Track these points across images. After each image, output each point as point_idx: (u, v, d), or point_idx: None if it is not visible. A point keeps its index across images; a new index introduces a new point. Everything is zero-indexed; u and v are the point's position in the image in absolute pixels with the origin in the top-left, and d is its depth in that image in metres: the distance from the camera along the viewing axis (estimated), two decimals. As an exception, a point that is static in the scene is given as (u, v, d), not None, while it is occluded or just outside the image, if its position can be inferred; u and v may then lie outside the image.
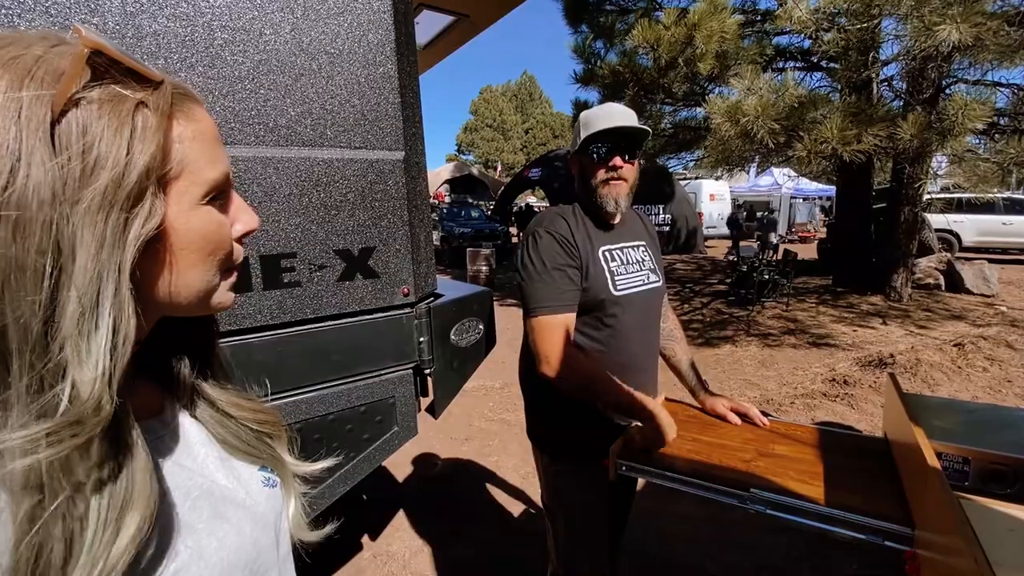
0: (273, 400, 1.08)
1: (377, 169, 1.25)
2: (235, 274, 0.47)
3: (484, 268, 9.61)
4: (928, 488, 0.92)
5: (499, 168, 36.65)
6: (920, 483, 0.97)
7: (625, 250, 1.34)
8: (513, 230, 18.47)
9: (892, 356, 4.48)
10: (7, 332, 0.31)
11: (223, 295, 0.45)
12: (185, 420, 0.49)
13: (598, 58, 7.26)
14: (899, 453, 1.21)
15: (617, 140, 1.25)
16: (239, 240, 0.46)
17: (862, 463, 1.22)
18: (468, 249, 9.95)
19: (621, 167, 1.25)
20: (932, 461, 0.94)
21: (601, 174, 1.26)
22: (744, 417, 1.39)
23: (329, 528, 0.58)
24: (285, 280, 1.14)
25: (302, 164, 1.14)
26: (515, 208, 19.82)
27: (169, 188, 0.38)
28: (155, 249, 0.38)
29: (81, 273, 0.32)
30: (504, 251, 12.64)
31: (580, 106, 7.89)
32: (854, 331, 5.85)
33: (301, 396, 1.21)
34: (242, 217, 0.46)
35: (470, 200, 19.83)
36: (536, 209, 20.47)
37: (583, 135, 1.26)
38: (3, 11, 0.87)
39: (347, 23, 1.17)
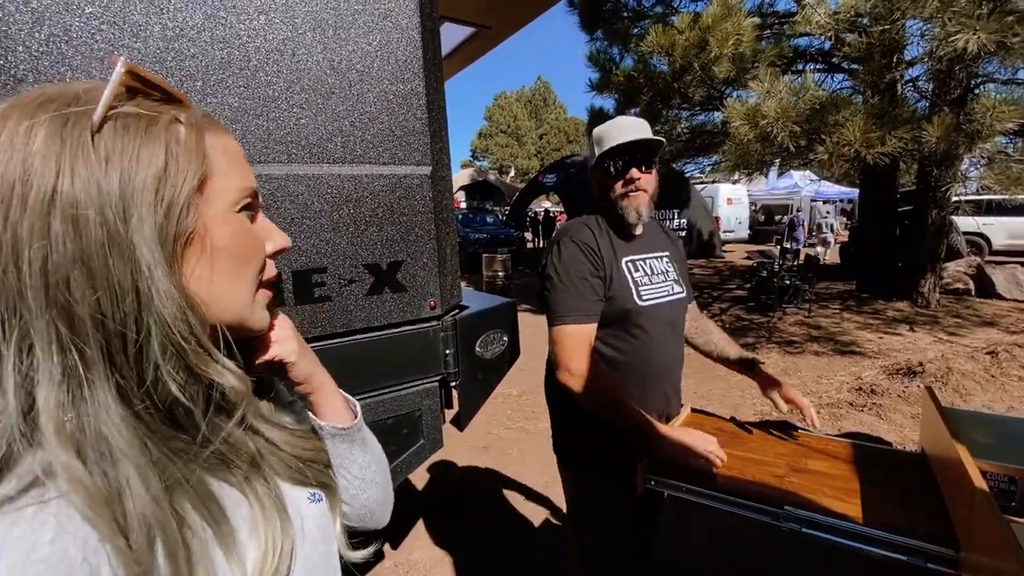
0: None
1: (405, 184, 1.26)
2: (270, 295, 0.48)
3: (500, 273, 9.62)
4: (975, 510, 0.89)
5: (512, 173, 36.71)
6: (966, 504, 0.94)
7: (649, 261, 1.34)
8: (528, 235, 18.49)
9: (921, 364, 4.36)
10: (78, 321, 0.34)
11: (260, 314, 0.46)
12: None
13: (614, 64, 7.25)
14: (939, 470, 1.18)
15: (633, 152, 1.26)
16: (272, 257, 0.47)
17: (899, 479, 1.19)
18: (483, 255, 9.97)
19: (638, 178, 1.26)
20: (979, 482, 0.91)
21: (619, 187, 1.27)
22: (780, 427, 1.36)
23: (373, 547, 0.59)
24: (316, 295, 1.16)
25: (333, 180, 1.15)
26: (531, 214, 19.83)
27: (203, 192, 0.40)
28: (194, 249, 0.39)
29: (140, 263, 0.35)
30: (519, 256, 12.65)
31: (595, 113, 7.88)
32: (880, 338, 5.71)
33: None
34: (273, 236, 0.47)
35: (487, 206, 19.90)
36: (552, 214, 20.46)
37: (597, 152, 1.28)
38: (57, 37, 0.91)
39: (376, 41, 1.19)
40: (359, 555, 0.57)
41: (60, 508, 0.31)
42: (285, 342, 0.52)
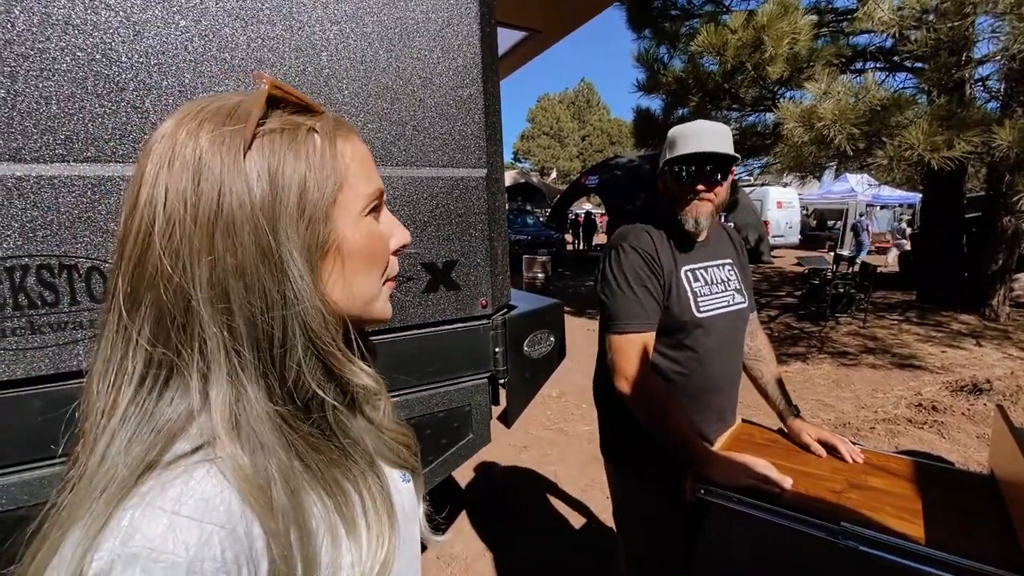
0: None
1: (462, 186, 1.30)
2: (393, 286, 0.51)
3: (540, 275, 9.64)
4: (1053, 536, 0.84)
5: (554, 174, 36.60)
6: (1041, 529, 0.89)
7: (710, 269, 1.31)
8: (568, 237, 18.40)
9: (988, 381, 4.10)
10: (236, 327, 0.38)
11: (384, 304, 0.49)
12: None
13: (662, 65, 7.13)
14: (1010, 494, 1.12)
15: (704, 161, 1.21)
16: (394, 253, 0.50)
17: (964, 501, 1.14)
18: (524, 256, 10.02)
19: (704, 191, 1.22)
20: (1057, 507, 0.87)
21: (684, 195, 1.23)
22: (832, 450, 1.29)
23: (450, 533, 0.62)
24: (377, 291, 1.21)
25: (396, 182, 1.21)
26: (571, 216, 19.74)
27: (337, 200, 0.43)
28: (329, 257, 0.43)
29: (288, 276, 0.39)
30: (559, 258, 12.63)
31: (642, 114, 7.78)
32: (943, 352, 5.40)
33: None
34: (396, 232, 0.50)
35: (528, 208, 19.96)
36: (593, 216, 20.28)
37: (668, 154, 1.24)
38: (154, 49, 0.99)
39: (439, 49, 1.23)
40: (443, 538, 0.61)
41: (224, 467, 0.36)
42: None
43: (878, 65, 6.66)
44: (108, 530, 0.32)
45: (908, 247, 12.17)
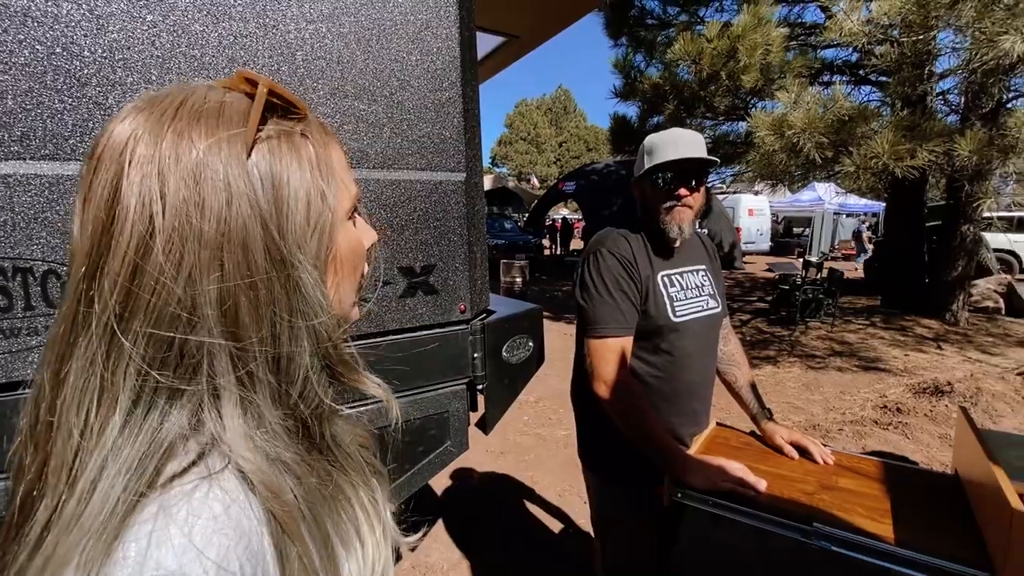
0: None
1: (441, 190, 1.28)
2: (361, 287, 0.50)
3: (517, 279, 9.64)
4: (1013, 535, 0.87)
5: (534, 180, 36.78)
6: (1002, 529, 0.92)
7: (685, 275, 1.33)
8: (546, 242, 18.49)
9: (949, 384, 4.26)
10: (246, 343, 0.36)
11: (356, 307, 0.49)
12: None
13: (638, 72, 7.25)
14: (975, 494, 1.15)
15: (683, 167, 1.23)
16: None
17: (933, 501, 1.17)
18: (502, 261, 10.01)
19: (686, 196, 1.23)
20: (1017, 505, 0.90)
21: (665, 202, 1.25)
22: (804, 452, 1.31)
23: (422, 533, 0.61)
24: (352, 296, 1.19)
25: (373, 185, 1.18)
26: (549, 222, 19.86)
27: (336, 208, 0.42)
28: (330, 264, 0.42)
29: (301, 287, 0.37)
30: (537, 263, 12.67)
31: (619, 120, 7.88)
32: (906, 355, 5.59)
33: (362, 408, 1.24)
34: (367, 233, 0.49)
35: (507, 212, 20.00)
36: (570, 222, 20.44)
37: (647, 163, 1.25)
38: (119, 43, 0.95)
39: (417, 51, 1.22)
40: (411, 539, 0.59)
41: (225, 481, 0.34)
42: None
43: (845, 78, 6.90)
44: (114, 564, 0.30)
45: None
